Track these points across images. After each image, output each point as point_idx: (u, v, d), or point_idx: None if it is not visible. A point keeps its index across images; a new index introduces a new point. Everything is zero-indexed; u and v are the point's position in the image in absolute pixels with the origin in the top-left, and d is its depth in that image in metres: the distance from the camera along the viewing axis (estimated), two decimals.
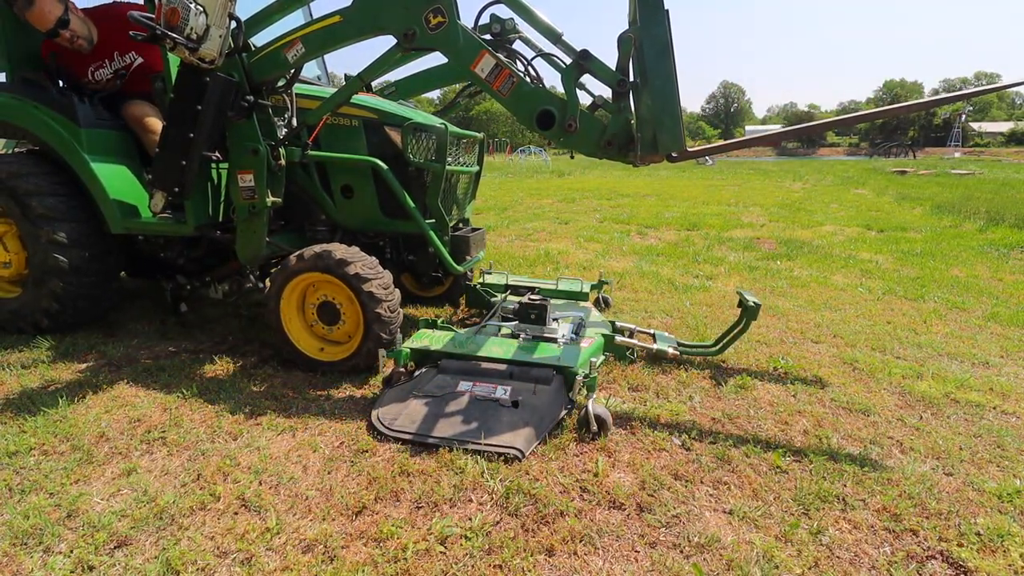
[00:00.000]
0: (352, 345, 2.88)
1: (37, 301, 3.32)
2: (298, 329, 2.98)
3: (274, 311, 2.91)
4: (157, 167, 2.78)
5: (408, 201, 3.10)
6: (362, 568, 1.61)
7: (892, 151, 43.86)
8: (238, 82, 2.71)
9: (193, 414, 2.51)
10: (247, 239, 3.03)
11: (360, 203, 3.30)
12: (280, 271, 2.87)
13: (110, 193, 3.22)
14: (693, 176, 21.15)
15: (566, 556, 1.68)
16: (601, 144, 2.46)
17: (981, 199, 10.88)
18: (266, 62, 2.75)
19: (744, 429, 2.43)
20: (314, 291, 2.93)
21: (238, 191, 2.90)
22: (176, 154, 2.70)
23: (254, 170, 2.84)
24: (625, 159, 2.47)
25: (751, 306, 2.79)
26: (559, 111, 2.45)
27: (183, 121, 2.65)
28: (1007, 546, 1.72)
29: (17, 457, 2.16)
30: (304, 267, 2.80)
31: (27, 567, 1.61)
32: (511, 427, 2.23)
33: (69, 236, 3.23)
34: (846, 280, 5.09)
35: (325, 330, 2.97)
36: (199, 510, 1.86)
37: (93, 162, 3.22)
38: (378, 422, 2.36)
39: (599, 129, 2.46)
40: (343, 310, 2.88)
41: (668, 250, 6.41)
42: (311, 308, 2.95)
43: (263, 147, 2.80)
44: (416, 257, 3.49)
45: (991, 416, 2.56)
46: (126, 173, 3.40)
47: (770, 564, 1.63)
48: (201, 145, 2.70)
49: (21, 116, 3.29)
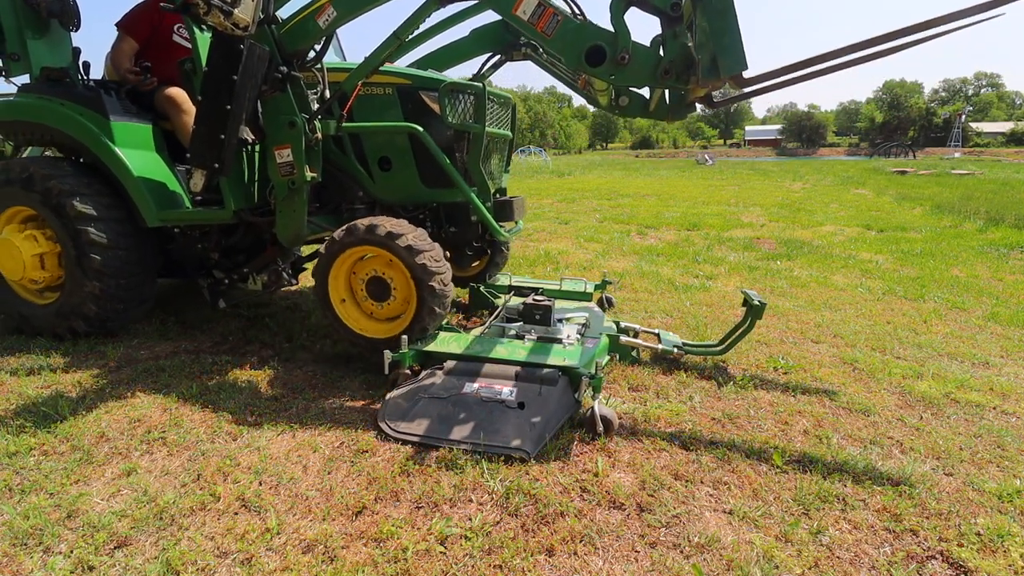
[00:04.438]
0: (403, 322, 2.80)
1: (75, 305, 3.24)
2: (347, 306, 2.90)
3: (322, 289, 2.83)
4: (195, 144, 2.68)
5: (451, 167, 3.00)
6: (362, 568, 1.61)
7: (892, 151, 43.82)
8: (270, 53, 2.62)
9: (193, 414, 2.51)
10: (288, 218, 2.95)
11: (399, 175, 3.20)
12: (327, 247, 2.78)
13: (143, 186, 3.16)
14: (693, 176, 21.15)
15: (566, 556, 1.68)
16: (658, 74, 2.30)
17: (981, 199, 10.88)
18: (297, 31, 2.66)
19: (744, 429, 2.43)
20: (363, 266, 2.85)
21: (276, 168, 2.82)
22: (214, 128, 2.60)
23: (291, 144, 2.76)
24: (685, 87, 2.32)
25: (756, 305, 2.79)
26: (609, 45, 2.31)
27: (219, 93, 2.55)
28: (1007, 546, 1.72)
29: (17, 457, 2.16)
30: (352, 241, 2.71)
31: (27, 567, 1.61)
32: (517, 428, 2.23)
33: (107, 236, 3.15)
34: (846, 280, 5.09)
35: (375, 307, 2.89)
36: (199, 510, 1.86)
37: (125, 155, 3.16)
38: (384, 424, 2.36)
39: (654, 59, 2.30)
40: (394, 284, 2.80)
41: (668, 250, 6.41)
42: (360, 284, 2.87)
43: (300, 119, 2.72)
44: (458, 228, 3.38)
45: (991, 416, 2.56)
46: (158, 165, 3.33)
47: (770, 564, 1.63)
48: (239, 117, 2.60)
49: (48, 115, 3.25)
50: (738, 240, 7.09)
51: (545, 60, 3.68)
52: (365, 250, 2.76)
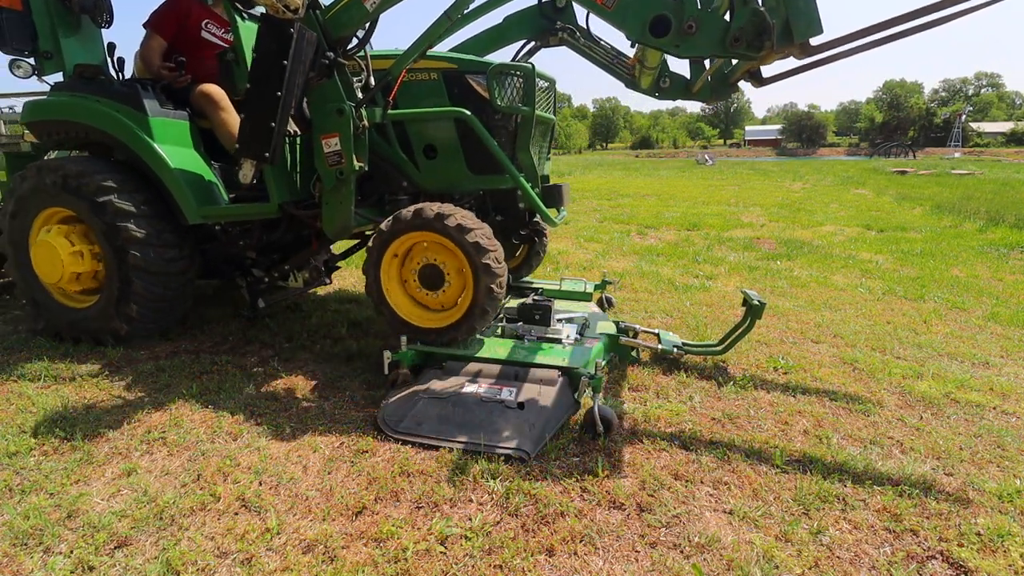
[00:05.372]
0: (459, 310, 2.71)
1: (116, 308, 3.17)
2: (399, 296, 2.82)
3: (374, 278, 2.76)
4: (244, 134, 2.63)
5: (500, 152, 2.92)
6: (362, 568, 1.61)
7: (892, 151, 43.81)
8: (317, 38, 2.55)
9: (193, 414, 2.51)
10: (334, 210, 2.88)
11: (445, 162, 3.12)
12: (378, 236, 2.72)
13: (183, 182, 3.08)
14: (693, 176, 21.15)
15: (566, 556, 1.68)
16: (727, 42, 2.20)
17: (981, 199, 10.88)
18: (343, 15, 2.60)
19: (744, 429, 2.43)
20: (413, 256, 2.78)
21: (323, 157, 2.75)
22: (264, 116, 2.53)
23: (339, 132, 2.70)
24: (755, 55, 2.22)
25: (756, 305, 2.78)
26: (674, 15, 2.21)
27: (268, 80, 2.48)
28: (1007, 546, 1.72)
29: (17, 457, 2.16)
30: (402, 228, 2.64)
31: (27, 567, 1.61)
32: (517, 429, 2.23)
33: (148, 234, 3.08)
34: (846, 280, 5.09)
35: (427, 296, 2.81)
36: (199, 510, 1.86)
37: (164, 151, 3.09)
38: (384, 424, 2.36)
39: (722, 26, 2.20)
40: (447, 270, 2.72)
41: (668, 250, 6.41)
42: (412, 273, 2.80)
43: (348, 107, 2.67)
44: (504, 216, 3.30)
45: (991, 416, 2.56)
46: (197, 161, 3.26)
47: (770, 564, 1.63)
48: (289, 105, 2.53)
49: (84, 113, 3.18)
50: (738, 240, 7.09)
51: (582, 44, 3.53)
52: (415, 237, 2.68)
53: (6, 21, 3.18)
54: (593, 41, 3.41)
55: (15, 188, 3.27)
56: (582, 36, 3.47)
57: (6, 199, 3.33)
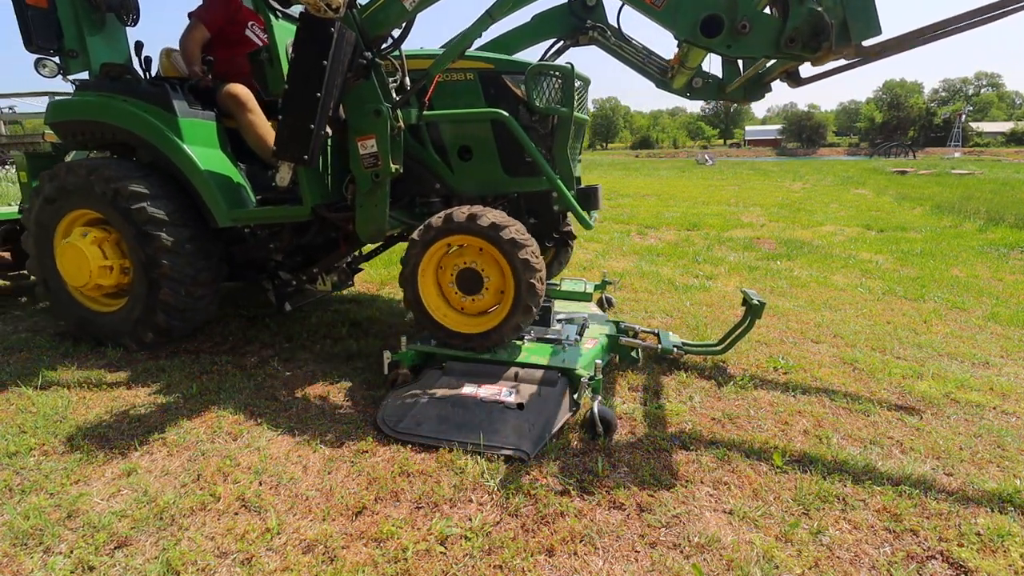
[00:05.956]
0: (502, 310, 2.66)
1: (143, 314, 3.11)
2: (434, 298, 2.77)
3: (411, 280, 2.70)
4: (281, 136, 2.57)
5: (538, 154, 2.86)
6: (362, 568, 1.61)
7: (892, 151, 43.79)
8: (356, 38, 2.51)
9: (193, 414, 2.51)
10: (369, 213, 2.83)
11: (480, 164, 3.05)
12: (419, 236, 2.65)
13: (213, 184, 3.01)
14: (693, 176, 21.15)
15: (566, 556, 1.68)
16: (781, 43, 2.15)
17: (981, 199, 10.88)
18: (380, 13, 2.55)
19: (744, 429, 2.43)
20: (451, 259, 2.73)
21: (359, 159, 2.71)
22: (303, 118, 2.48)
23: (376, 134, 2.66)
24: (811, 56, 2.17)
25: (755, 304, 2.78)
26: (727, 14, 2.15)
27: (308, 81, 2.43)
28: (1007, 546, 1.72)
29: (17, 457, 2.16)
30: (447, 230, 2.58)
31: (27, 567, 1.62)
32: (516, 430, 2.23)
33: (180, 242, 3.02)
34: (846, 280, 5.09)
35: (464, 300, 2.75)
36: (199, 510, 1.86)
37: (194, 153, 3.02)
38: (383, 424, 2.36)
39: (776, 26, 2.16)
40: (486, 275, 2.67)
41: (668, 250, 6.41)
42: (449, 277, 2.74)
43: (385, 107, 2.63)
44: (538, 219, 3.23)
45: (991, 416, 2.56)
46: (226, 163, 3.19)
47: (770, 564, 1.63)
48: (328, 106, 2.48)
49: (111, 113, 3.11)
50: (738, 240, 7.09)
51: (612, 44, 3.44)
52: (459, 240, 2.63)
53: (32, 19, 3.12)
54: (624, 40, 3.33)
55: (41, 188, 3.19)
56: (613, 35, 3.39)
57: (32, 199, 3.25)
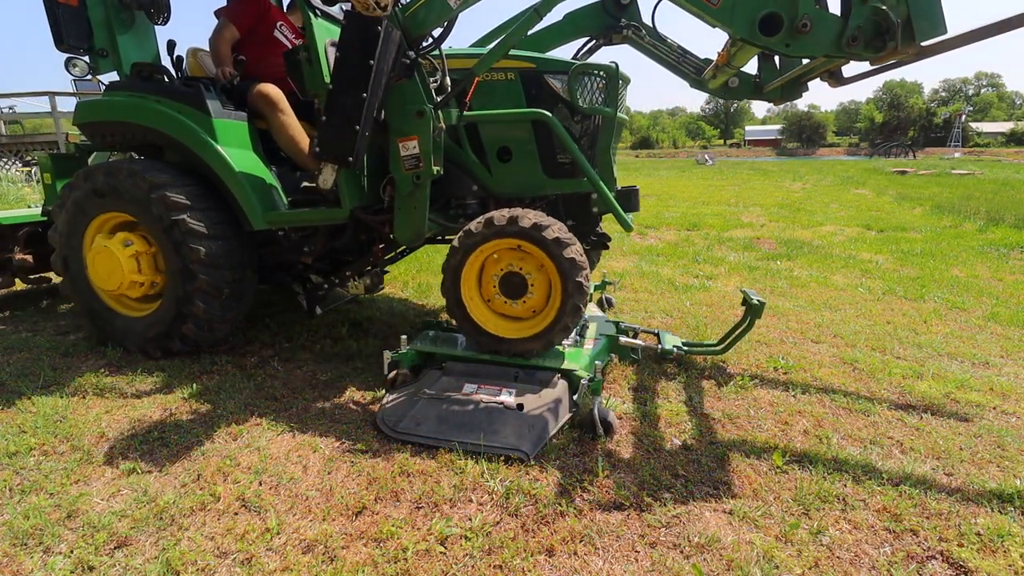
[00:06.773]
0: (550, 311, 2.59)
1: (173, 323, 3.03)
2: (477, 304, 2.70)
3: (453, 286, 2.63)
4: (325, 137, 2.51)
5: (580, 155, 2.81)
6: (362, 568, 1.61)
7: (892, 151, 43.77)
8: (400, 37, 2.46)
9: (193, 414, 2.51)
10: (408, 216, 2.77)
11: (520, 165, 3.00)
12: (461, 240, 2.58)
13: (248, 186, 2.92)
14: (693, 176, 21.15)
15: (566, 556, 1.68)
16: (843, 42, 2.11)
17: (981, 199, 10.88)
18: (423, 11, 2.49)
19: (744, 429, 2.43)
20: (494, 263, 2.67)
21: (399, 161, 2.65)
22: (348, 118, 2.42)
23: (419, 135, 2.61)
24: (873, 55, 2.14)
25: (755, 304, 2.78)
26: (787, 12, 2.11)
27: (353, 80, 2.37)
28: (1007, 546, 1.72)
29: (17, 457, 2.16)
30: (491, 233, 2.51)
31: (27, 567, 1.62)
32: (516, 430, 2.23)
33: (218, 256, 2.93)
34: (846, 280, 5.09)
35: (506, 305, 2.68)
36: (199, 510, 1.86)
37: (228, 154, 2.93)
38: (383, 424, 2.36)
39: (838, 26, 2.12)
40: (531, 280, 2.61)
41: (668, 250, 6.41)
42: (491, 281, 2.68)
43: (428, 108, 2.57)
44: (576, 221, 3.20)
45: (991, 416, 2.56)
46: (258, 164, 3.11)
47: (770, 564, 1.63)
48: (374, 106, 2.43)
49: (143, 114, 3.03)
50: (738, 240, 7.09)
51: (647, 43, 3.40)
52: (504, 243, 2.57)
53: (62, 17, 3.07)
54: (659, 39, 3.30)
55: (73, 189, 3.10)
56: (647, 34, 3.36)
57: (63, 198, 3.15)
